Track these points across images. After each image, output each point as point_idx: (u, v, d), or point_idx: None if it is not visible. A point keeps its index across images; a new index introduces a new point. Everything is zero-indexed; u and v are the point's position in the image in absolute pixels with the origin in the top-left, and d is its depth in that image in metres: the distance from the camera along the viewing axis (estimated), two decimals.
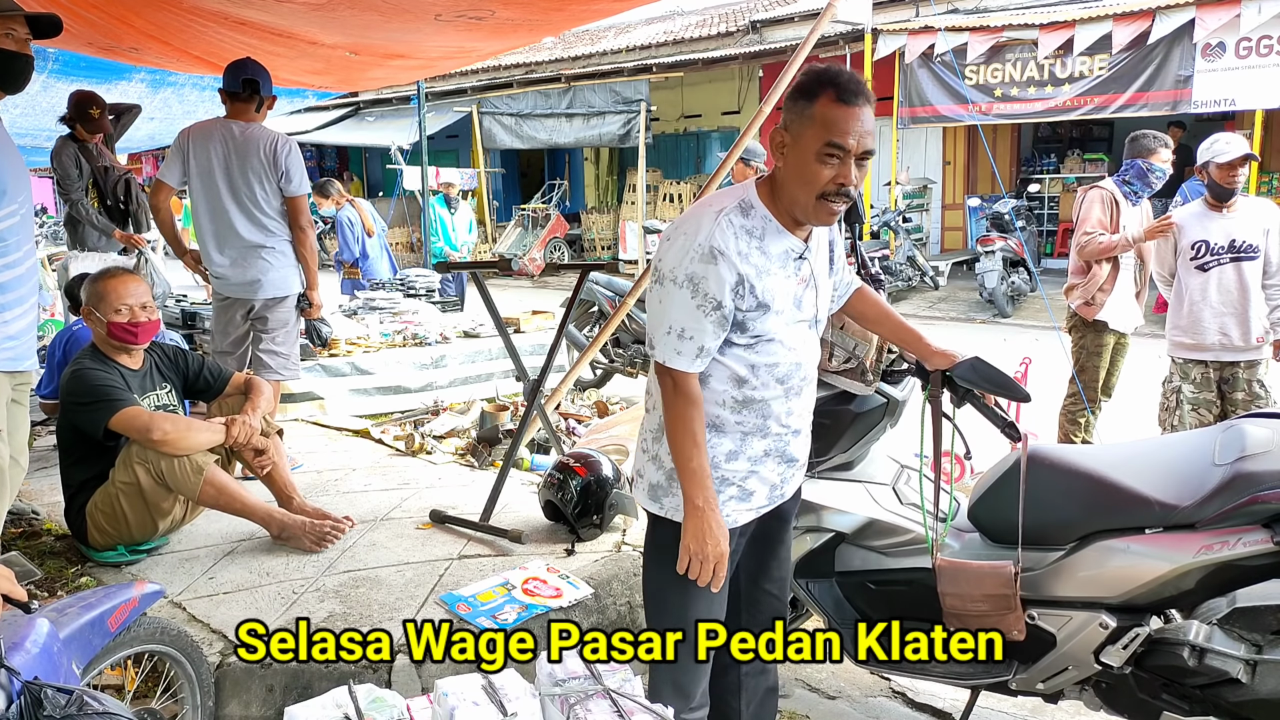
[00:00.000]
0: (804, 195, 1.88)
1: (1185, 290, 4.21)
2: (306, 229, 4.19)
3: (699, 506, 1.92)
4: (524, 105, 16.22)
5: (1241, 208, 4.13)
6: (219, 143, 4.07)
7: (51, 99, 6.18)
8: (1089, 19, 10.22)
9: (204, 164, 4.07)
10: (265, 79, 4.16)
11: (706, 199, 2.00)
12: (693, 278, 1.87)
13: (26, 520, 3.73)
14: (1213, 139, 4.14)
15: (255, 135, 4.08)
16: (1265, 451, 2.20)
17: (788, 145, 1.88)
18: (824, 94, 1.82)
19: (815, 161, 1.84)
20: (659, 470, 2.06)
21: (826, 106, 1.82)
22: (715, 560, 1.93)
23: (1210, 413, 4.18)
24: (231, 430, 3.33)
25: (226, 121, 4.13)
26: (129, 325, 3.26)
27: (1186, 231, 4.21)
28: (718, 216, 1.90)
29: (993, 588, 2.36)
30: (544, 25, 4.86)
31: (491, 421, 5.14)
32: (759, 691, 2.29)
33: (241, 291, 4.21)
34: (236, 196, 4.09)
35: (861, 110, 1.83)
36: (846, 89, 1.82)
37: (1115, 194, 4.46)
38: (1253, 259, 4.07)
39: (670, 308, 1.90)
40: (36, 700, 1.58)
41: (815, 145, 1.83)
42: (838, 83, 1.83)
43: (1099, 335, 4.57)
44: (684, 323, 1.89)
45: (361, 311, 7.28)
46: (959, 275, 12.75)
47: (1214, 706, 2.23)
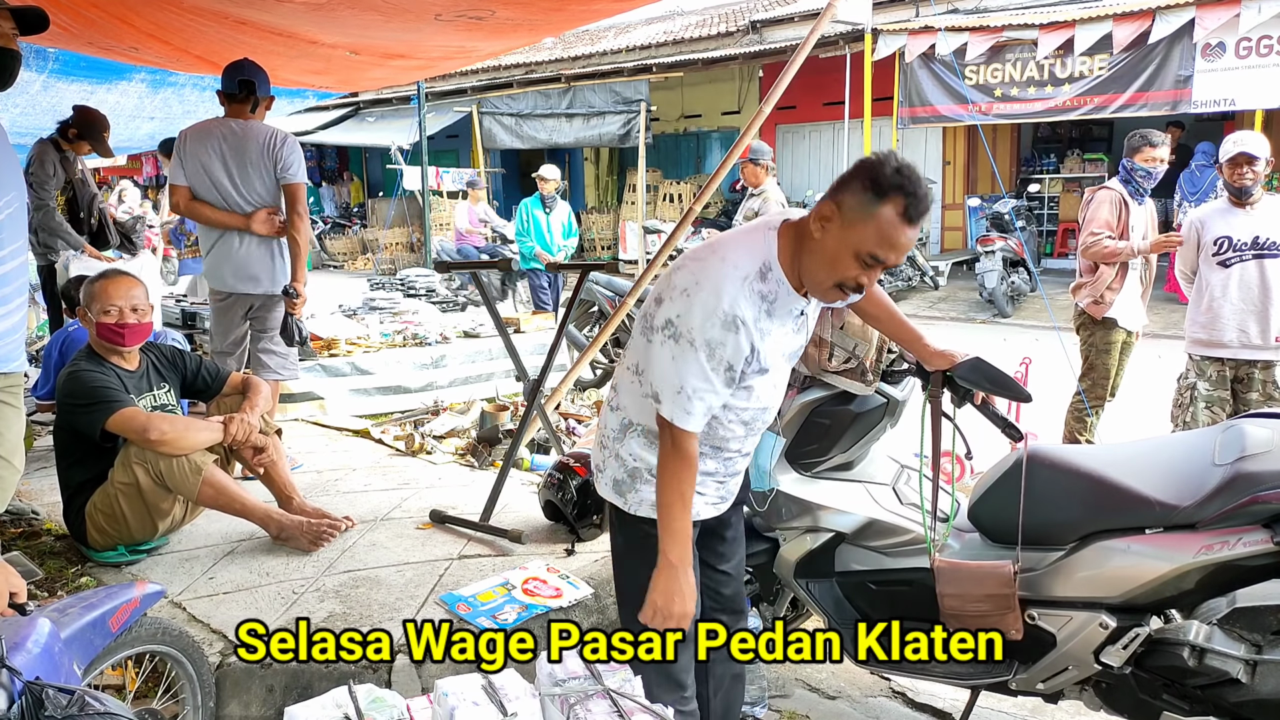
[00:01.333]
0: (824, 277, 1.86)
1: (1206, 286, 4.19)
2: (303, 216, 4.23)
3: (673, 563, 1.94)
4: (524, 105, 16.21)
5: (1266, 205, 4.13)
6: (218, 140, 4.11)
7: (52, 99, 6.18)
8: (1089, 19, 10.22)
9: (205, 162, 4.10)
10: (262, 79, 4.20)
11: (727, 250, 1.92)
12: (711, 343, 1.85)
13: (26, 520, 3.73)
14: (1228, 138, 4.16)
15: (254, 131, 4.13)
16: (1265, 451, 2.20)
17: (832, 225, 1.82)
18: (894, 200, 1.76)
19: (852, 258, 1.81)
20: (621, 467, 2.11)
21: (892, 217, 1.76)
22: (678, 622, 1.95)
23: (1223, 411, 4.17)
24: (230, 429, 3.33)
25: (225, 120, 4.18)
26: (116, 326, 3.25)
27: (1210, 227, 4.20)
28: (742, 284, 1.87)
29: (992, 588, 2.36)
30: (544, 25, 4.86)
31: (491, 421, 5.14)
32: (725, 678, 2.35)
33: (245, 286, 4.23)
34: (238, 191, 4.13)
35: (917, 230, 1.81)
36: (918, 208, 1.77)
37: (1124, 194, 4.48)
38: (1276, 256, 4.06)
39: (684, 367, 1.87)
40: (38, 700, 1.58)
41: (860, 246, 1.79)
42: (912, 195, 1.77)
43: (1108, 332, 4.57)
44: (695, 384, 1.87)
45: (361, 311, 7.29)
46: (959, 275, 12.75)
47: (1214, 707, 2.23)
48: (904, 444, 2.85)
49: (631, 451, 2.08)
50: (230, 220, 4.14)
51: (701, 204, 4.60)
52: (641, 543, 2.07)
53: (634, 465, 2.08)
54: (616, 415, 2.13)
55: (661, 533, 1.95)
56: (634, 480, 2.08)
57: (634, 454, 2.08)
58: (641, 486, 2.07)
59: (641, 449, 2.07)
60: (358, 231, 19.62)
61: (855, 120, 12.65)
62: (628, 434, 2.09)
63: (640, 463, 2.08)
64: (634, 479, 2.08)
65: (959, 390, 2.31)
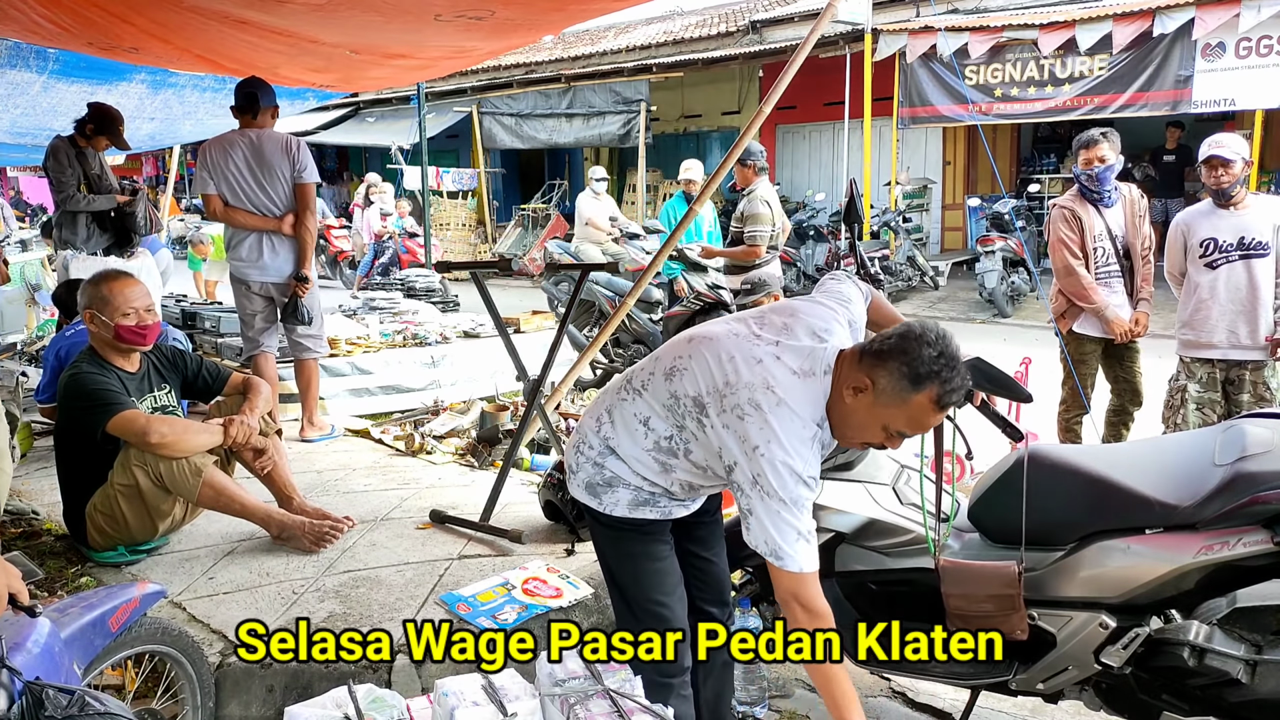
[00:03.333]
0: (851, 436, 1.93)
1: (1194, 288, 4.19)
2: (312, 211, 4.79)
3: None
4: (524, 105, 16.22)
5: (1252, 206, 4.12)
6: (240, 150, 4.63)
7: (52, 99, 6.18)
8: (1089, 19, 10.23)
9: (232, 170, 4.62)
10: (265, 90, 4.75)
11: (788, 396, 1.88)
12: (798, 501, 1.86)
13: (26, 520, 3.73)
14: (1206, 140, 4.15)
15: (270, 138, 4.68)
16: (1265, 451, 2.20)
17: (864, 398, 1.85)
18: (931, 389, 1.79)
19: (880, 430, 1.87)
20: (599, 473, 2.13)
21: (927, 404, 1.81)
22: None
23: (1214, 413, 4.17)
24: (229, 431, 3.33)
25: (243, 131, 4.69)
26: (138, 328, 3.26)
27: (1195, 229, 4.20)
28: (807, 441, 1.87)
29: (997, 588, 2.36)
30: (544, 25, 4.86)
31: (491, 421, 5.14)
32: (715, 664, 2.37)
33: (279, 276, 4.78)
34: (266, 194, 4.66)
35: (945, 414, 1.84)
36: (951, 398, 1.81)
37: (1072, 209, 4.45)
38: (1263, 256, 4.05)
39: (779, 517, 1.85)
40: (38, 700, 1.58)
41: (892, 422, 1.85)
42: (947, 384, 1.80)
43: (1079, 345, 4.55)
44: (800, 523, 1.87)
45: (361, 311, 7.29)
46: (959, 275, 12.75)
47: (1214, 707, 2.23)
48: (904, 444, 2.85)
49: (610, 467, 2.12)
50: (265, 224, 4.70)
51: (702, 204, 4.60)
52: (615, 540, 2.15)
53: (611, 474, 2.11)
54: (600, 438, 2.14)
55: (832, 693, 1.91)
56: (611, 486, 2.12)
57: (612, 469, 2.12)
58: (619, 490, 2.11)
59: (619, 467, 2.11)
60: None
61: (855, 120, 12.67)
62: (608, 457, 2.12)
63: (617, 474, 2.11)
64: (611, 486, 2.12)
65: None
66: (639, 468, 2.08)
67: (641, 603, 2.17)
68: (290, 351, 4.96)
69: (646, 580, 2.16)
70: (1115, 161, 4.34)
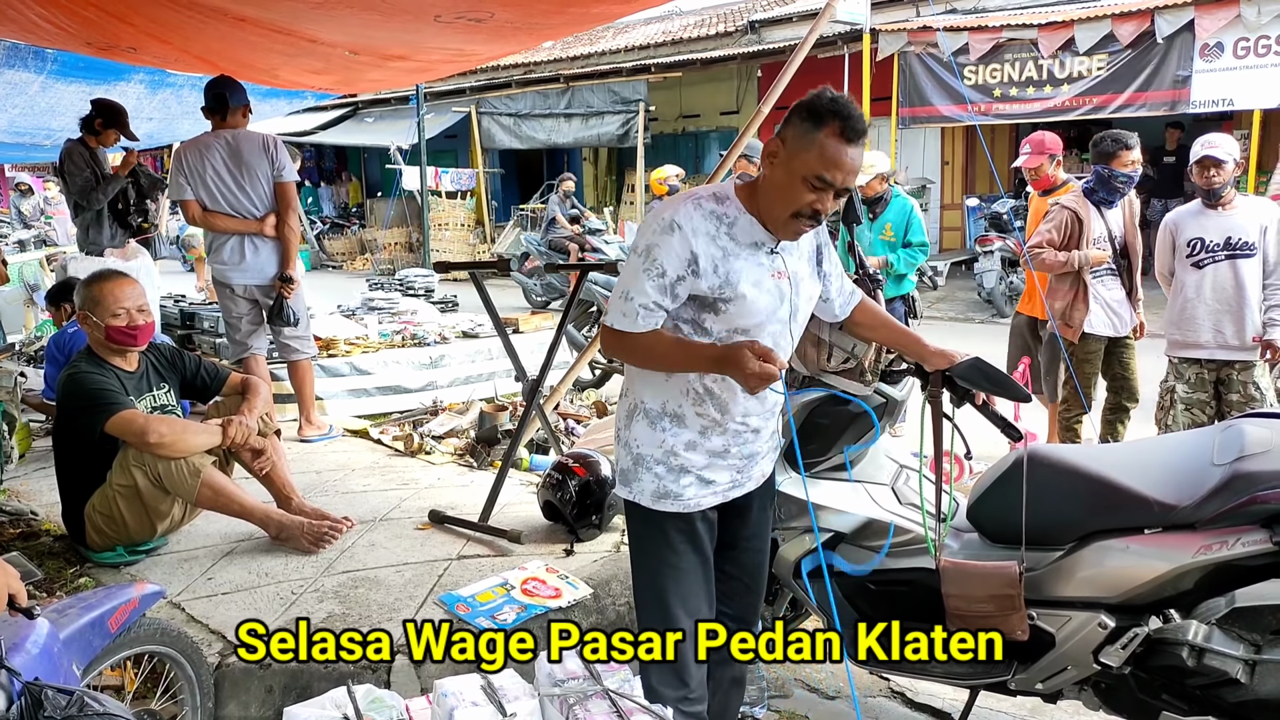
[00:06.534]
0: (779, 209, 1.94)
1: (1181, 288, 4.21)
2: (294, 210, 4.72)
3: (714, 357, 1.93)
4: (523, 105, 16.21)
5: (1240, 206, 4.14)
6: (217, 152, 4.55)
7: (51, 99, 6.17)
8: (1088, 19, 10.23)
9: (211, 173, 4.53)
10: (234, 89, 4.68)
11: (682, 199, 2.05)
12: (650, 247, 1.95)
13: (25, 521, 3.73)
14: (1197, 141, 4.17)
15: (246, 138, 4.60)
16: (1264, 451, 2.20)
17: (779, 158, 1.93)
18: (831, 124, 1.86)
19: (801, 184, 1.90)
20: (627, 455, 2.14)
21: (830, 139, 1.86)
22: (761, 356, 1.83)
23: (1204, 413, 4.18)
24: (228, 431, 3.32)
25: (217, 132, 4.61)
26: (128, 329, 3.26)
27: (1183, 229, 4.21)
28: (688, 199, 2.00)
29: (997, 588, 2.36)
30: (543, 29, 4.85)
31: (490, 422, 5.13)
32: (725, 680, 2.36)
33: (262, 278, 4.68)
34: (246, 195, 4.58)
35: (859, 149, 1.89)
36: (853, 127, 1.86)
37: (1074, 211, 4.44)
38: (1249, 256, 4.07)
39: (624, 273, 2.00)
40: (37, 701, 1.58)
41: (806, 171, 1.88)
42: (847, 117, 1.86)
43: (1085, 344, 4.55)
44: (629, 285, 1.97)
45: (360, 312, 7.28)
46: (957, 275, 12.75)
47: (1213, 707, 2.23)
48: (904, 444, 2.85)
49: (636, 436, 2.12)
50: (246, 226, 4.59)
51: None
52: (646, 529, 2.13)
53: (638, 451, 2.12)
54: (625, 401, 2.17)
55: (684, 366, 2.01)
56: (637, 467, 2.12)
57: (638, 438, 2.12)
58: (643, 474, 2.11)
59: (644, 431, 2.10)
60: (356, 232, 19.62)
61: None
62: (634, 419, 2.13)
63: (643, 448, 2.11)
64: (637, 465, 2.12)
65: (958, 390, 2.31)
66: (652, 392, 2.08)
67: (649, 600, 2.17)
68: (279, 354, 4.92)
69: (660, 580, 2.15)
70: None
